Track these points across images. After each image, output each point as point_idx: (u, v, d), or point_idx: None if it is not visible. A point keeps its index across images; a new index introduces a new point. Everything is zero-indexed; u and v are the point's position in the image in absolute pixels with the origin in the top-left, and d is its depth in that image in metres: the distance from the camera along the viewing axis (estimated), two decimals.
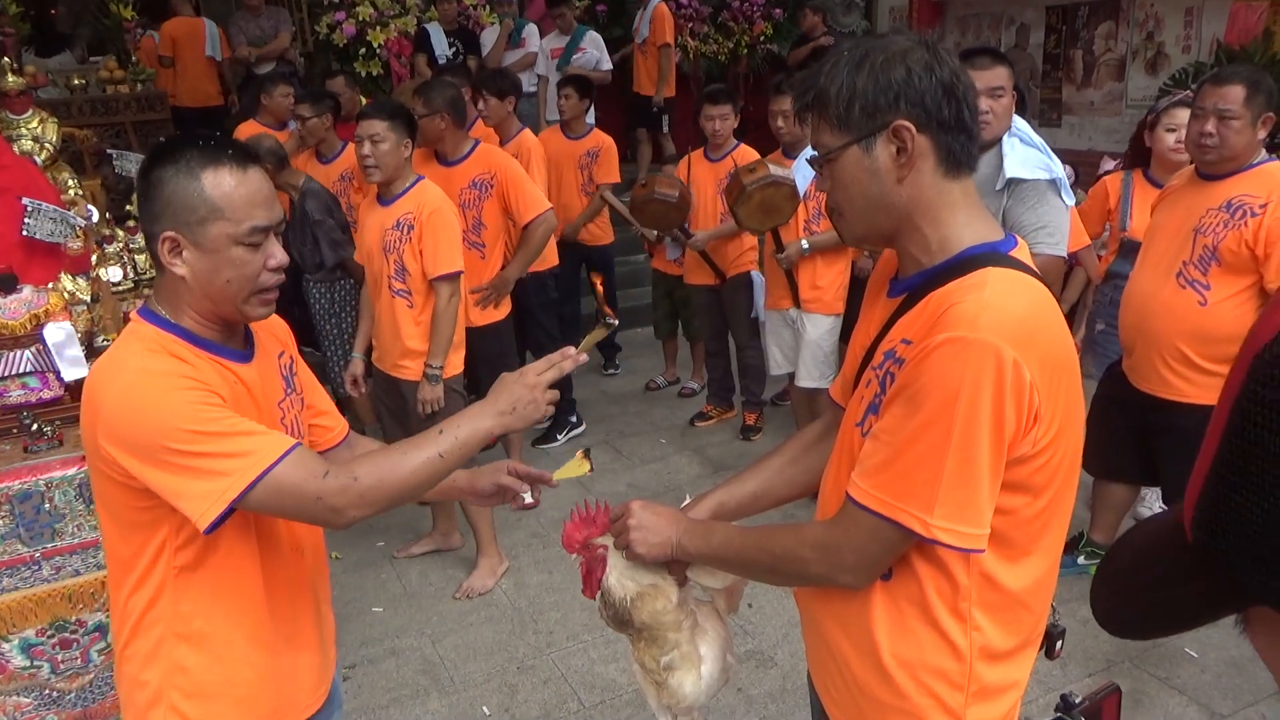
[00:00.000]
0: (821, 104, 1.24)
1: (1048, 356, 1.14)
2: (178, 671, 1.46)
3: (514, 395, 1.45)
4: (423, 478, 1.42)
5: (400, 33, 7.05)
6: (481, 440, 1.45)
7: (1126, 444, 3.24)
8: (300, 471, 1.35)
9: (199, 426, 1.31)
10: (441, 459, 1.41)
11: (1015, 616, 1.26)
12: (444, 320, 3.36)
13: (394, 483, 1.40)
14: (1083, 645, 3.12)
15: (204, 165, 1.37)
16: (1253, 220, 2.76)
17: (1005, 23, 8.08)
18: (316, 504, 1.36)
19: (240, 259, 1.40)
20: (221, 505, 1.31)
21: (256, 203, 1.41)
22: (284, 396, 1.58)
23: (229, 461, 1.31)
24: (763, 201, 4.01)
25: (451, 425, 1.44)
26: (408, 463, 1.41)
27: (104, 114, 6.34)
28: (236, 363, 1.47)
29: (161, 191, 1.38)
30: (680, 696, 1.57)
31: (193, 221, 1.37)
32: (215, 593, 1.45)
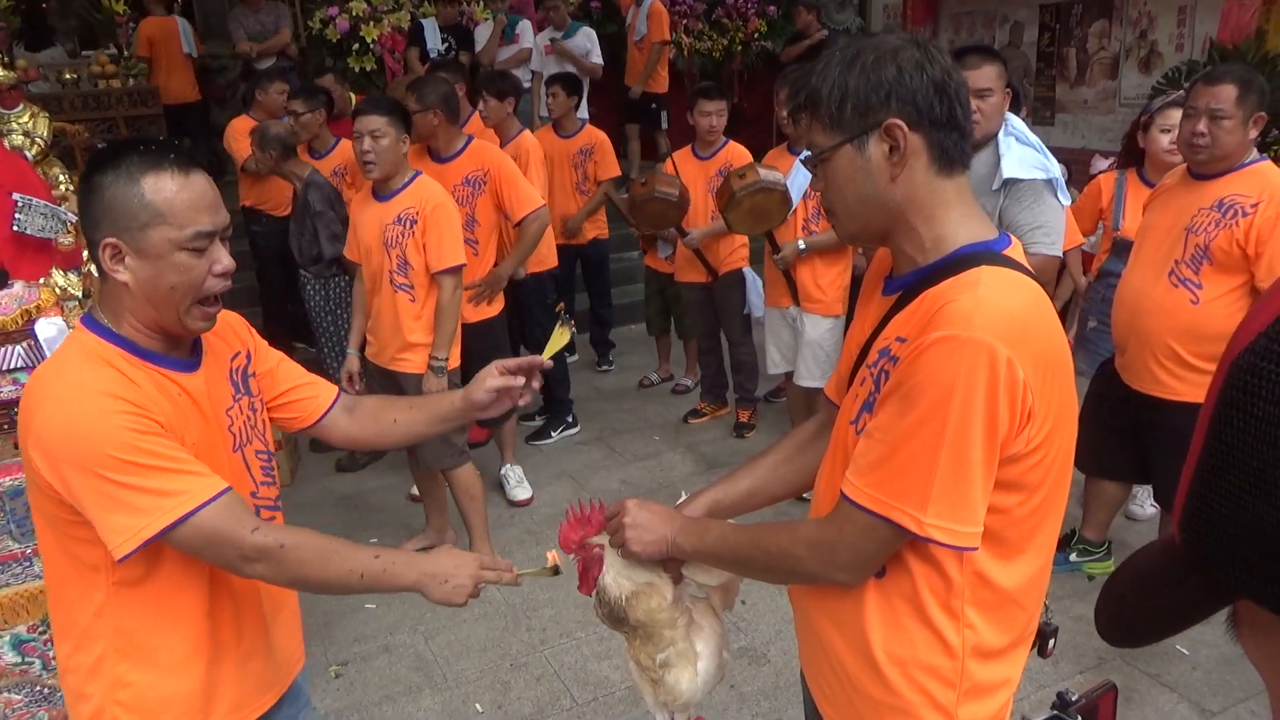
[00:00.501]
0: (814, 104, 1.24)
1: (1041, 355, 1.14)
2: (120, 686, 1.44)
3: (451, 571, 1.46)
4: (334, 585, 1.44)
5: (394, 28, 7.03)
6: (397, 587, 1.46)
7: (1119, 442, 3.25)
8: (230, 519, 1.35)
9: (130, 456, 1.29)
10: (360, 579, 1.43)
11: (1008, 614, 1.27)
12: (448, 313, 3.40)
13: (312, 573, 1.42)
14: (1075, 643, 3.13)
15: (145, 170, 1.35)
16: (1244, 219, 2.77)
17: (999, 20, 8.08)
18: (234, 552, 1.36)
19: (184, 264, 1.38)
20: (137, 541, 1.30)
21: (200, 207, 1.38)
22: (232, 403, 1.55)
23: (154, 499, 1.30)
24: (753, 207, 4.01)
25: (387, 557, 1.46)
26: (330, 566, 1.42)
27: (96, 109, 6.33)
28: (181, 373, 1.45)
29: (101, 197, 1.36)
30: (676, 693, 1.58)
31: (134, 227, 1.35)
32: (158, 606, 1.43)
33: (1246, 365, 0.58)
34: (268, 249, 5.45)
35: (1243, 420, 0.58)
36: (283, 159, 4.36)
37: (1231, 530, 0.60)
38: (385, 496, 4.46)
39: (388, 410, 1.82)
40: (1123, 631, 0.98)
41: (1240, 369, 0.58)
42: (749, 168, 4.05)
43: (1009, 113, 2.99)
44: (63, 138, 4.82)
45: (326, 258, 4.28)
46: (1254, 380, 0.56)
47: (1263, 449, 0.55)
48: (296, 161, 4.44)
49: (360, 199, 3.57)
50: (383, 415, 1.80)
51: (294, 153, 4.43)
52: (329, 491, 4.53)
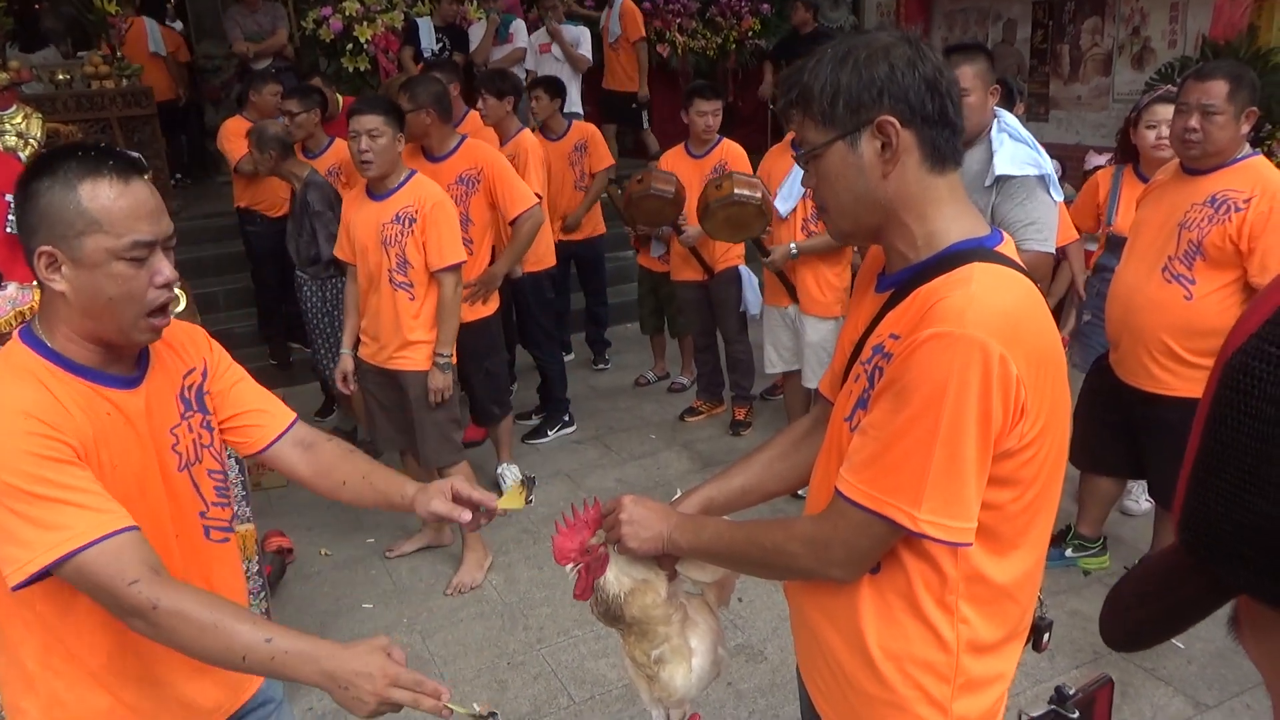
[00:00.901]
0: (806, 101, 1.25)
1: (1034, 351, 1.14)
2: (55, 705, 1.41)
3: (358, 677, 1.26)
4: (214, 657, 1.30)
5: (387, 28, 7.02)
6: (288, 678, 1.32)
7: (1113, 437, 3.26)
8: (110, 566, 1.26)
9: (24, 485, 1.25)
10: (243, 661, 1.28)
11: (1002, 609, 1.27)
12: (450, 310, 3.41)
13: (185, 643, 1.29)
14: (1070, 637, 3.14)
15: (82, 176, 1.31)
16: (1236, 215, 2.78)
17: (992, 18, 8.09)
18: (113, 601, 1.28)
19: (122, 274, 1.33)
20: (24, 574, 1.25)
21: (139, 215, 1.34)
22: (179, 421, 1.50)
23: (39, 532, 1.25)
24: (728, 219, 4.02)
25: (284, 642, 1.29)
26: (208, 640, 1.28)
27: (89, 109, 6.30)
28: (116, 389, 1.40)
29: (37, 204, 1.31)
30: (671, 690, 1.58)
31: (69, 235, 1.31)
32: (88, 628, 1.38)
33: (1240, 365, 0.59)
34: (263, 250, 5.44)
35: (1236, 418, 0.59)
36: (282, 159, 4.35)
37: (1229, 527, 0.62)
38: None
39: (341, 468, 1.69)
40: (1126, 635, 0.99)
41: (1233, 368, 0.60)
42: (725, 178, 4.03)
43: (1001, 109, 2.99)
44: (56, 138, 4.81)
45: (324, 259, 4.27)
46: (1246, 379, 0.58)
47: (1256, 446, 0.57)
48: (295, 161, 4.43)
49: (353, 198, 3.56)
50: (335, 471, 1.69)
51: (292, 152, 4.42)
52: None
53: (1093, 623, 3.24)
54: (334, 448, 1.72)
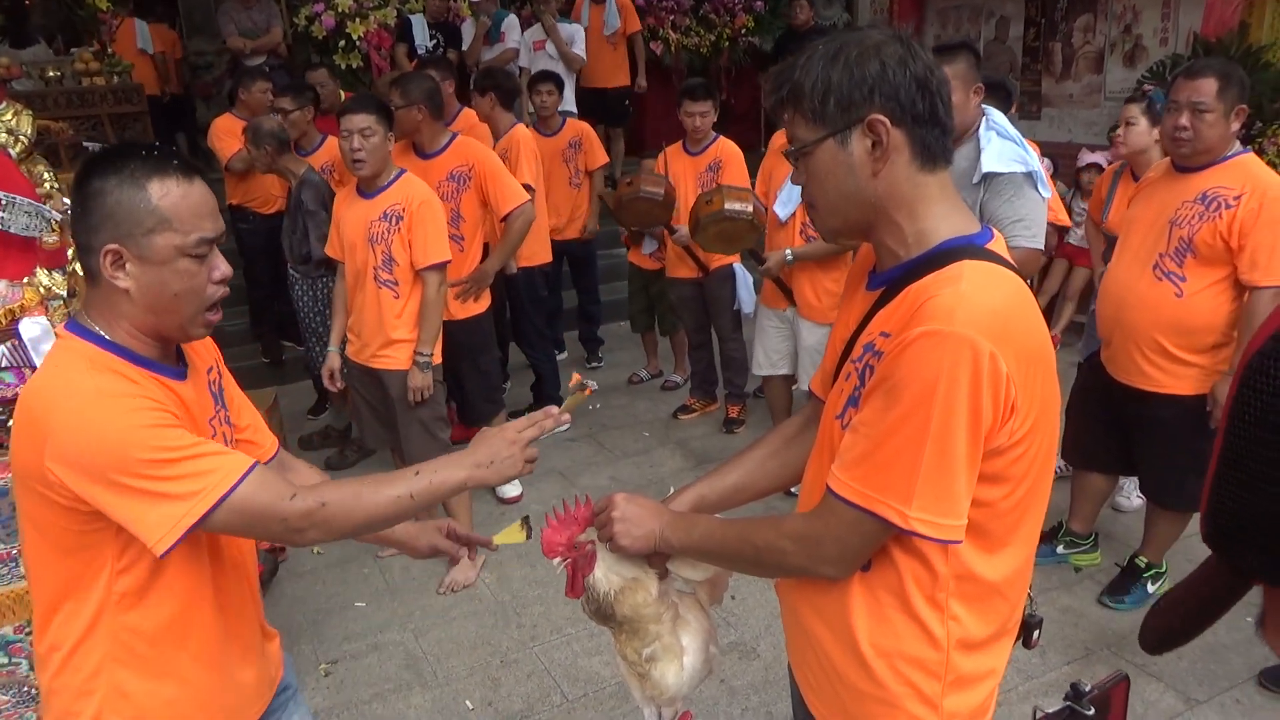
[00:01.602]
0: (796, 98, 1.24)
1: (1023, 348, 1.15)
2: (119, 697, 1.42)
3: (493, 449, 1.46)
4: (389, 514, 1.43)
5: (380, 24, 7.00)
6: (453, 490, 1.46)
7: (1104, 434, 3.27)
8: (264, 493, 1.34)
9: (160, 453, 1.28)
10: (412, 499, 1.42)
11: (992, 606, 1.28)
12: (433, 309, 3.40)
13: (360, 514, 1.41)
14: (1062, 633, 3.15)
15: (150, 175, 1.34)
16: (1227, 212, 2.79)
17: (985, 16, 8.10)
18: (280, 525, 1.36)
19: (187, 270, 1.37)
20: (180, 530, 1.29)
21: (203, 214, 1.38)
22: (214, 414, 1.55)
23: (190, 483, 1.30)
24: (719, 233, 4.00)
25: (428, 469, 1.44)
26: (377, 498, 1.41)
27: (80, 106, 6.28)
28: (174, 380, 1.44)
29: (103, 202, 1.34)
30: (663, 688, 1.58)
31: (138, 233, 1.34)
32: (159, 615, 1.41)
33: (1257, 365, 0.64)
34: (255, 247, 5.43)
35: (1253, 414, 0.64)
36: (278, 154, 4.34)
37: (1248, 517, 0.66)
38: None
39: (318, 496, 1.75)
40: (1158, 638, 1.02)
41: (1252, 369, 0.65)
42: (716, 192, 4.01)
43: (989, 107, 3.00)
44: (47, 135, 4.78)
45: (315, 258, 4.27)
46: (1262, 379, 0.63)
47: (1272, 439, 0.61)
48: (292, 158, 4.42)
49: (344, 196, 3.56)
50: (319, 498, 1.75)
51: (289, 148, 4.41)
52: None
53: (1084, 618, 3.28)
54: (311, 474, 1.77)
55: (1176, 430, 2.99)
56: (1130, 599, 3.28)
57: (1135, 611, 3.26)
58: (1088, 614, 3.27)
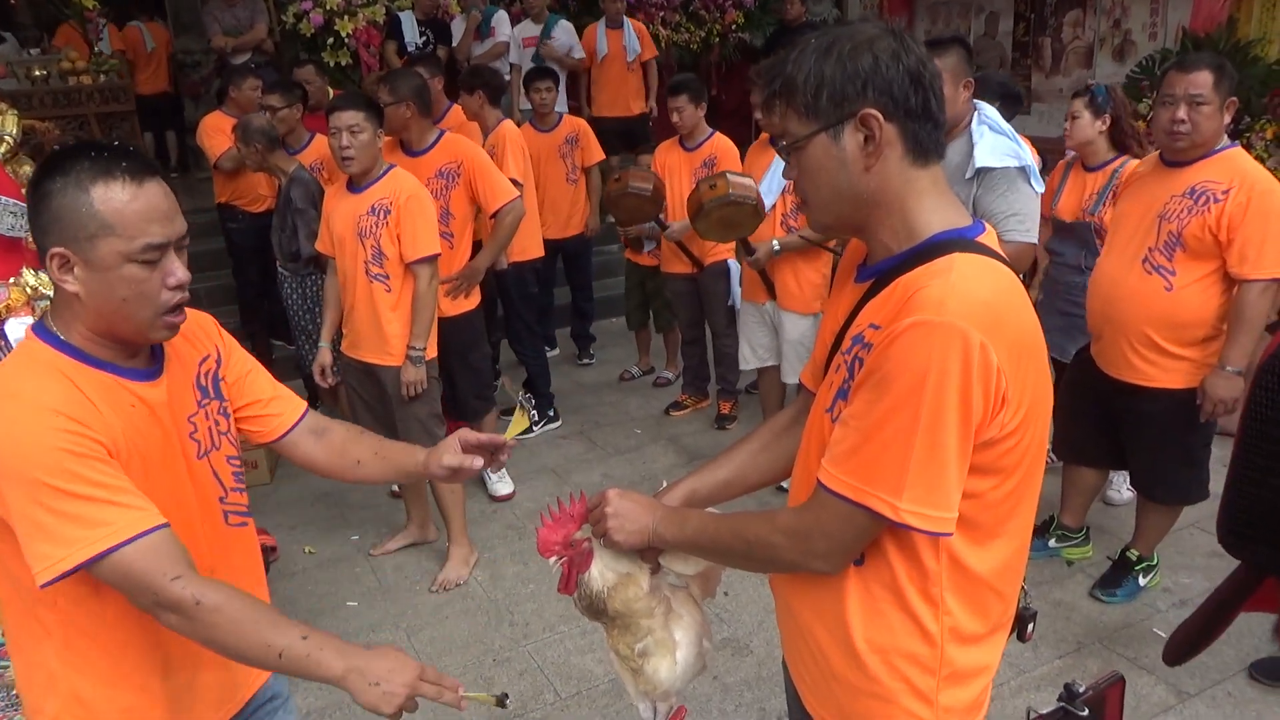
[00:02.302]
0: (789, 92, 1.24)
1: (1014, 340, 1.14)
2: (75, 702, 1.41)
3: (383, 674, 1.32)
4: (251, 656, 1.33)
5: (369, 22, 6.97)
6: (322, 675, 1.33)
7: (1095, 428, 3.28)
8: (148, 563, 1.28)
9: (59, 482, 1.25)
10: (279, 658, 1.31)
11: (985, 600, 1.27)
12: (425, 303, 3.40)
13: (222, 639, 1.31)
14: (1054, 628, 3.16)
15: (95, 178, 1.30)
16: (1215, 206, 2.79)
17: (975, 10, 8.11)
18: (150, 598, 1.29)
19: (134, 277, 1.32)
20: (55, 572, 1.25)
21: (152, 218, 1.32)
22: (196, 409, 1.51)
23: (78, 528, 1.25)
24: (722, 219, 3.99)
25: (315, 643, 1.33)
26: (246, 637, 1.31)
27: (66, 105, 6.25)
28: (138, 382, 1.40)
29: (49, 205, 1.30)
30: (656, 683, 1.58)
31: (82, 238, 1.30)
32: (107, 620, 1.39)
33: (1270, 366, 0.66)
34: (244, 245, 5.40)
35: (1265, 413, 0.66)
36: (268, 152, 4.32)
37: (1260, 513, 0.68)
38: (366, 493, 4.44)
39: (354, 449, 1.75)
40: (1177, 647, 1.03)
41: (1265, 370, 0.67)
42: (719, 177, 4.01)
43: (980, 101, 2.99)
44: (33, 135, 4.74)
45: (304, 256, 4.25)
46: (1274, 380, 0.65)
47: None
48: (282, 155, 4.39)
49: (334, 192, 3.55)
50: (348, 452, 1.74)
51: (279, 145, 4.38)
52: (310, 488, 4.50)
53: (1076, 612, 3.29)
54: (344, 431, 1.77)
55: (1166, 424, 3.00)
56: (1122, 592, 3.29)
57: (1127, 605, 3.27)
58: (1080, 607, 3.28)
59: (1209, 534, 3.70)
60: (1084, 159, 3.82)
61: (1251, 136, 4.99)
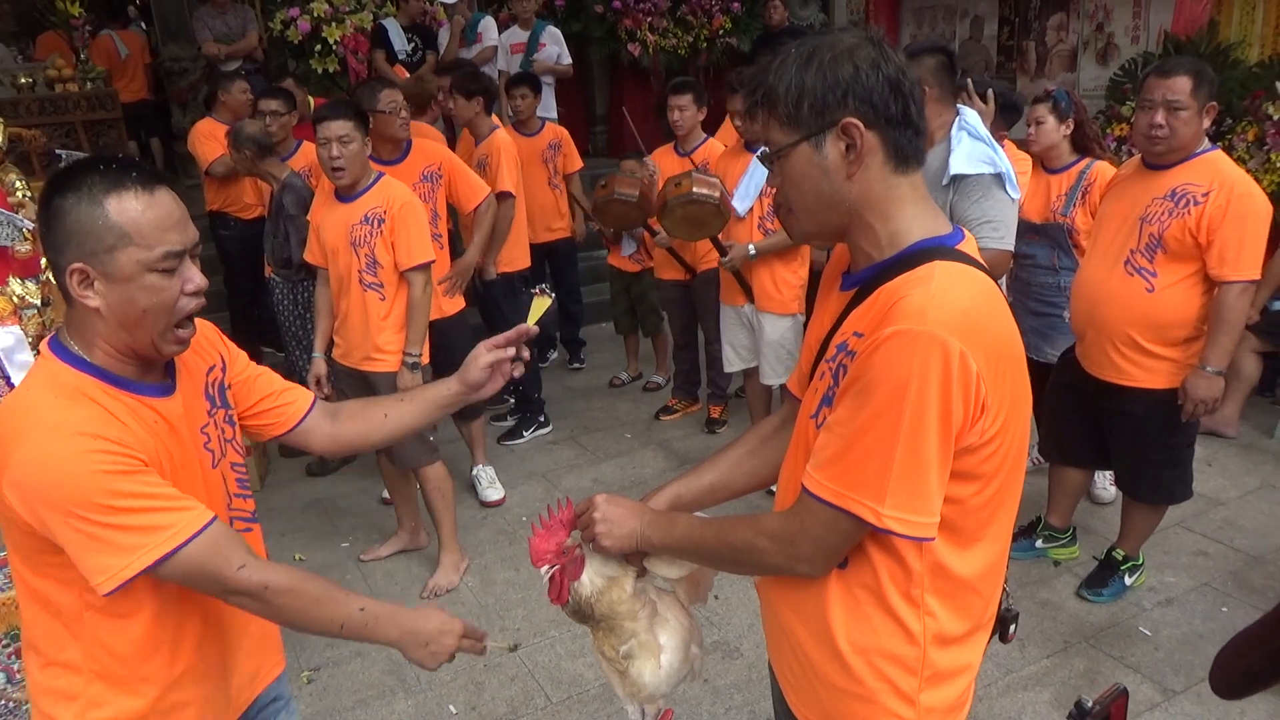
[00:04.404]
0: (770, 101, 1.26)
1: (993, 347, 1.16)
2: (93, 706, 1.43)
3: (432, 635, 1.49)
4: (315, 629, 1.46)
5: (357, 29, 6.96)
6: (379, 640, 1.48)
7: (1079, 429, 3.31)
8: (213, 556, 1.34)
9: (110, 501, 1.27)
10: (340, 630, 1.45)
11: (966, 601, 1.29)
12: (419, 309, 3.42)
13: (291, 618, 1.44)
14: (1041, 627, 3.18)
15: (108, 191, 1.31)
16: (1195, 208, 2.83)
17: (959, 15, 8.16)
18: (217, 587, 1.38)
19: (155, 285, 1.34)
20: (119, 580, 1.29)
21: (167, 226, 1.34)
22: (208, 419, 1.53)
23: (137, 536, 1.29)
24: (686, 216, 4.04)
25: (373, 612, 1.47)
26: (312, 613, 1.44)
27: (53, 113, 6.22)
28: (157, 398, 1.42)
29: (64, 222, 1.31)
30: (640, 685, 1.59)
31: (100, 251, 1.30)
32: (132, 630, 1.41)
33: None
34: (235, 253, 5.40)
35: None
36: (259, 158, 4.31)
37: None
38: (356, 500, 4.44)
39: (376, 407, 1.79)
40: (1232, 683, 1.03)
41: None
42: (685, 176, 4.06)
43: (962, 106, 3.00)
44: (19, 143, 4.74)
45: (296, 262, 4.25)
46: None
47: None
48: (273, 161, 4.39)
49: (321, 202, 3.55)
50: (371, 412, 1.78)
51: (271, 151, 4.38)
52: (300, 496, 4.50)
53: (1063, 611, 3.31)
54: (356, 402, 1.84)
55: (1150, 424, 3.03)
56: (1108, 592, 3.31)
57: (1113, 604, 3.29)
58: (1066, 607, 3.31)
59: (1194, 533, 3.74)
60: (1046, 162, 3.90)
61: (1233, 138, 5.03)
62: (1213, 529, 3.77)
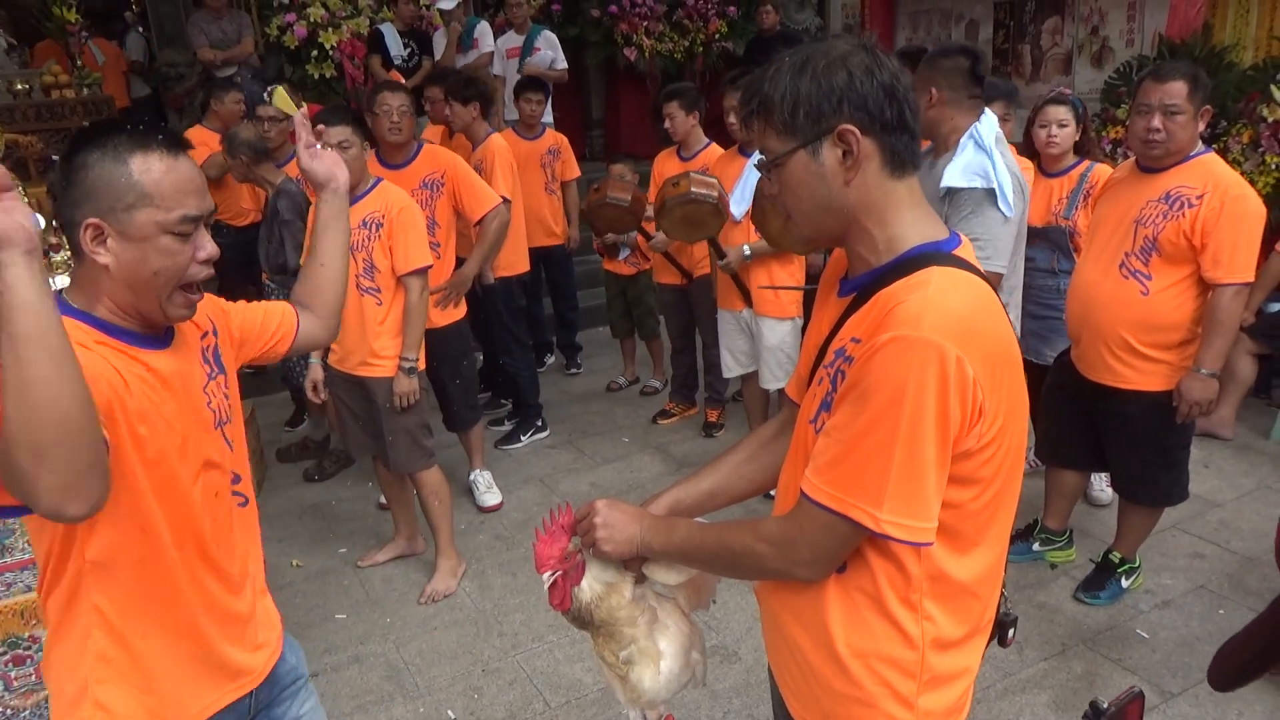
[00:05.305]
0: (766, 110, 1.26)
1: (990, 352, 1.17)
2: (101, 663, 1.43)
3: None
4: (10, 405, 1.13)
5: (353, 34, 6.97)
6: None
7: (1076, 431, 3.32)
8: None
9: None
10: None
11: (964, 605, 1.30)
12: (416, 314, 3.42)
13: None
14: (1039, 630, 3.19)
15: (133, 150, 1.33)
16: (1190, 211, 2.84)
17: (955, 19, 8.19)
18: None
19: (169, 248, 1.36)
20: None
21: (188, 191, 1.37)
22: (208, 380, 1.55)
23: None
24: (684, 217, 4.04)
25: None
26: None
27: (49, 119, 6.20)
28: (148, 349, 1.43)
29: (85, 176, 1.33)
30: (640, 691, 1.59)
31: (119, 208, 1.33)
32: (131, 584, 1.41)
33: None
34: (229, 260, 5.34)
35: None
36: (254, 164, 4.31)
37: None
38: (353, 505, 4.44)
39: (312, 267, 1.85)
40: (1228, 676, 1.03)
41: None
42: (683, 177, 4.06)
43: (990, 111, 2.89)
44: (15, 149, 4.74)
45: (292, 267, 4.25)
46: None
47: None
48: (268, 167, 4.39)
49: None
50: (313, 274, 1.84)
51: (266, 157, 4.38)
52: (297, 501, 4.49)
53: (1060, 614, 3.32)
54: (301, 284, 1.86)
55: (1145, 426, 3.04)
56: (1105, 594, 3.32)
57: (1110, 607, 3.30)
58: (1064, 610, 3.31)
59: (1191, 535, 3.74)
60: (1047, 165, 3.89)
61: (1228, 141, 5.05)
62: (1209, 531, 3.78)
